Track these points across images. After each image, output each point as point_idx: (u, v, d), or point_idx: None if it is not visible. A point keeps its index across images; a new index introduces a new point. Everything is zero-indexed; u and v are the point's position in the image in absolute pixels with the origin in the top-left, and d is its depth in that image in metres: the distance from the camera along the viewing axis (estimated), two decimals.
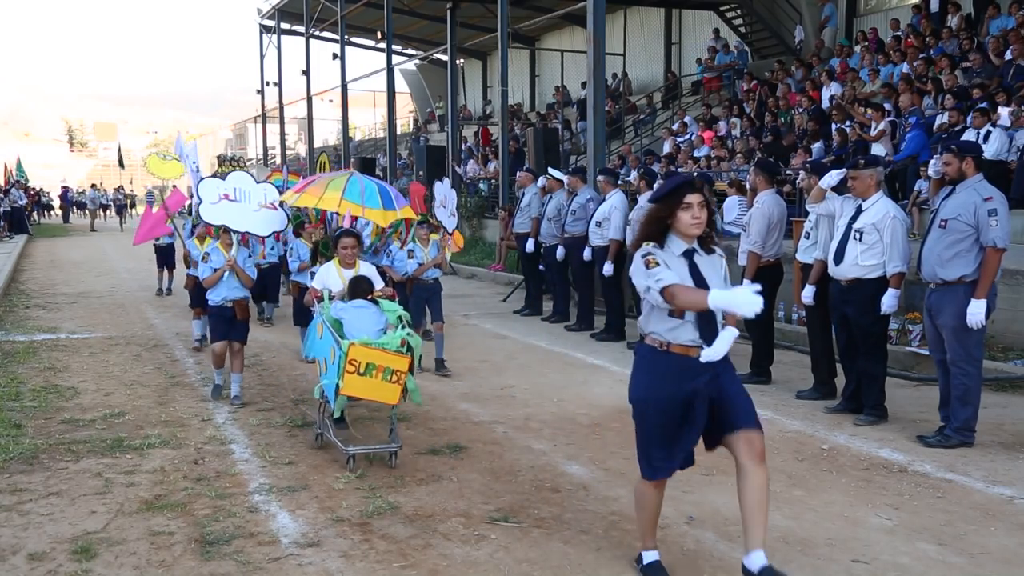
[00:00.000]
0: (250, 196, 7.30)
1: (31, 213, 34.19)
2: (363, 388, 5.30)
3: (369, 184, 7.02)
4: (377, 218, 6.85)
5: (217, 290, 7.11)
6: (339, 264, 6.47)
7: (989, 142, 10.46)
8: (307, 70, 31.85)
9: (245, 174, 7.54)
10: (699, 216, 3.67)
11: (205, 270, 7.13)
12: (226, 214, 7.15)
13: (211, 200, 7.13)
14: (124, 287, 15.37)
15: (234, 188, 7.20)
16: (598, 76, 13.02)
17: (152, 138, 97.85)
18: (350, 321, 5.76)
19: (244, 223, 7.25)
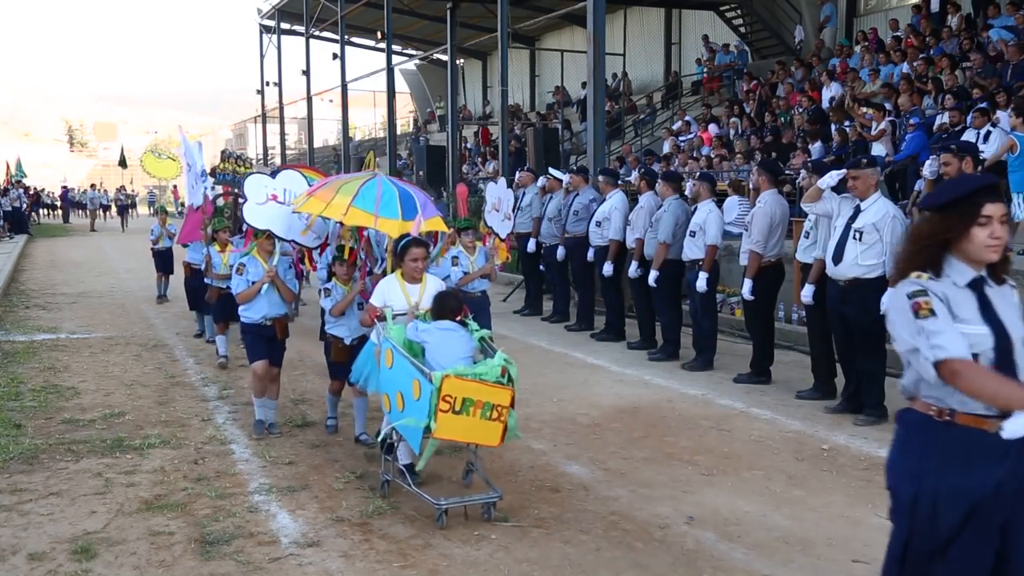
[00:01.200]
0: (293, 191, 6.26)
1: (31, 213, 34.15)
2: (459, 429, 4.43)
3: (389, 188, 5.58)
4: (391, 230, 5.46)
5: (255, 306, 6.17)
6: (402, 278, 5.34)
7: (989, 142, 10.45)
8: (307, 70, 31.84)
9: (296, 174, 6.35)
10: (1000, 236, 2.65)
11: (240, 283, 6.19)
12: (272, 218, 6.08)
13: (257, 200, 6.08)
14: (124, 287, 15.38)
15: (284, 189, 6.15)
16: (598, 76, 13.01)
17: (152, 138, 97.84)
18: (436, 347, 4.83)
19: (291, 232, 6.19)
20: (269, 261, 6.24)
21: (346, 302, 5.91)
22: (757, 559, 4.16)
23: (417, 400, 4.48)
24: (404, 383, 4.64)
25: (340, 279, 6.07)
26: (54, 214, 43.93)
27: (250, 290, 6.14)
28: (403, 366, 4.70)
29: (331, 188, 5.64)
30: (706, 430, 6.37)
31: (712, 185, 8.64)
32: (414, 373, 4.57)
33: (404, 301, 5.27)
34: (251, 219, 6.11)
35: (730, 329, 9.74)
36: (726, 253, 10.35)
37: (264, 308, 6.19)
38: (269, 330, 6.23)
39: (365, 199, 5.44)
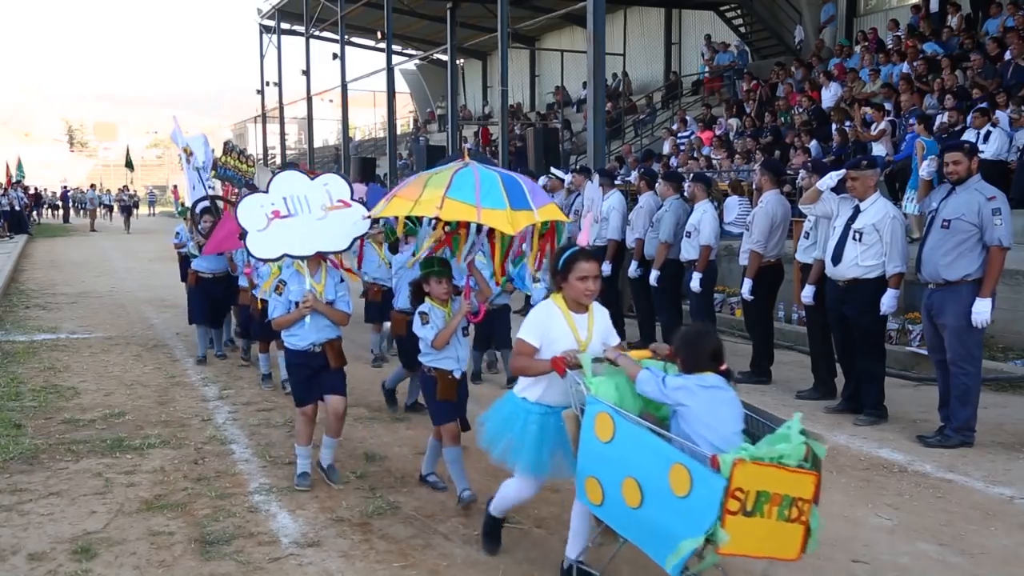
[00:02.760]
0: (307, 201, 5.11)
1: (31, 213, 34.14)
2: (751, 538, 3.08)
3: (488, 175, 4.50)
4: (501, 223, 4.30)
5: (299, 332, 5.10)
6: (564, 303, 3.90)
7: (989, 142, 10.47)
8: (307, 70, 31.88)
9: (292, 173, 5.30)
10: None
11: (278, 305, 5.11)
12: (284, 239, 5.00)
13: (258, 227, 4.97)
14: (124, 287, 15.38)
15: (283, 199, 5.05)
16: (598, 76, 13.03)
17: (152, 138, 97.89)
18: (699, 415, 3.37)
19: (313, 241, 5.07)
20: (315, 276, 5.12)
21: (450, 331, 4.80)
22: (756, 560, 4.15)
23: (684, 497, 3.09)
24: (649, 468, 3.25)
25: (437, 299, 4.91)
26: (55, 214, 43.92)
27: (288, 317, 5.06)
28: (646, 442, 3.30)
29: (416, 184, 4.52)
30: None
31: (707, 186, 8.63)
32: (674, 454, 3.19)
33: (570, 338, 3.82)
34: (259, 252, 5.03)
35: (730, 329, 9.74)
36: (726, 253, 10.35)
37: (311, 333, 5.09)
38: (319, 359, 5.14)
39: (461, 189, 4.33)
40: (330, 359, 5.16)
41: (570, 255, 3.89)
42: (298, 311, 5.00)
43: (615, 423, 3.41)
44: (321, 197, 5.12)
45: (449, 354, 4.90)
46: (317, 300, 5.04)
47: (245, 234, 4.99)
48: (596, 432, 3.48)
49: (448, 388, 4.89)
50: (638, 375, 3.55)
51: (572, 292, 3.85)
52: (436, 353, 4.87)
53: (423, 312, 4.90)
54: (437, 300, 4.91)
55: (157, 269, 18.51)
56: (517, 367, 3.91)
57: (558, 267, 3.90)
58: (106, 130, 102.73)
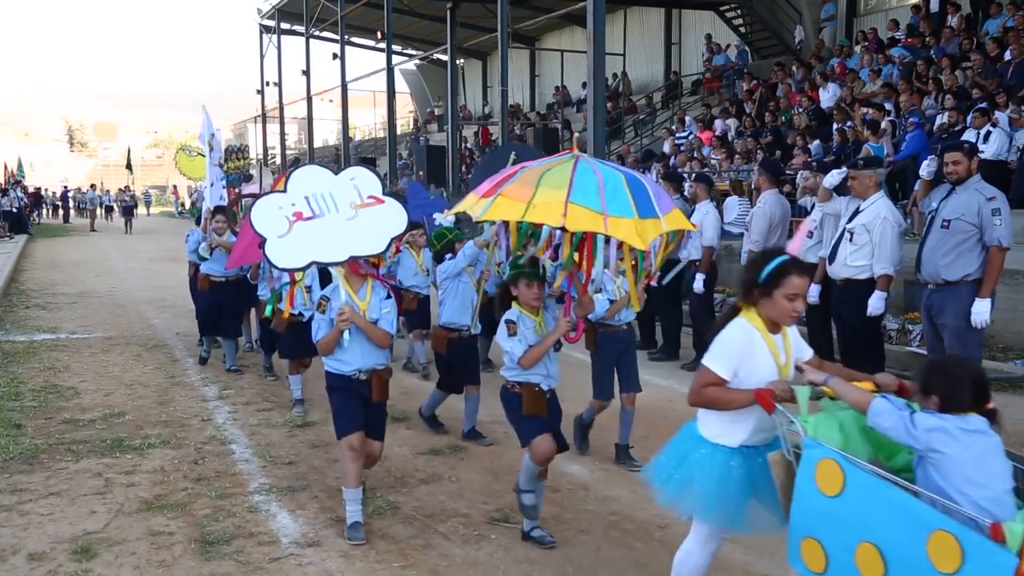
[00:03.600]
0: (333, 199, 4.41)
1: (31, 213, 34.12)
2: None
3: (611, 174, 3.71)
4: (628, 235, 3.52)
5: (343, 355, 4.47)
6: (762, 323, 3.22)
7: (989, 142, 10.46)
8: (307, 70, 31.89)
9: (312, 168, 4.62)
10: None
11: (322, 324, 4.48)
12: (310, 244, 4.27)
13: (278, 233, 4.24)
14: (124, 287, 15.38)
15: (305, 198, 4.36)
16: (598, 76, 13.02)
17: (152, 138, 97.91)
18: (957, 465, 2.68)
19: (344, 244, 4.33)
20: (359, 292, 4.49)
21: (543, 349, 4.19)
22: (757, 559, 4.16)
23: (952, 574, 2.44)
24: (897, 533, 2.59)
25: (527, 306, 4.27)
26: (55, 214, 43.87)
27: (329, 337, 4.42)
28: (891, 500, 2.64)
29: (525, 183, 3.66)
30: None
31: (709, 186, 8.64)
32: (935, 518, 2.54)
33: (772, 364, 3.19)
34: (283, 261, 4.28)
35: None
36: (726, 253, 10.35)
37: (356, 358, 4.46)
38: (363, 387, 4.50)
39: (585, 191, 3.52)
40: (374, 391, 4.50)
41: (781, 266, 3.14)
42: (336, 328, 4.35)
43: (844, 473, 2.73)
44: (349, 194, 4.41)
45: (537, 370, 4.26)
46: (355, 314, 4.35)
47: (264, 242, 4.20)
48: (818, 483, 2.80)
49: (535, 400, 4.26)
50: (871, 405, 2.81)
51: (775, 311, 3.15)
52: (521, 368, 4.24)
53: (510, 320, 4.24)
54: (527, 307, 4.25)
55: (157, 269, 18.52)
56: (703, 400, 3.21)
57: (758, 279, 3.15)
58: (106, 130, 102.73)
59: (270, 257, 4.24)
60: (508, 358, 4.26)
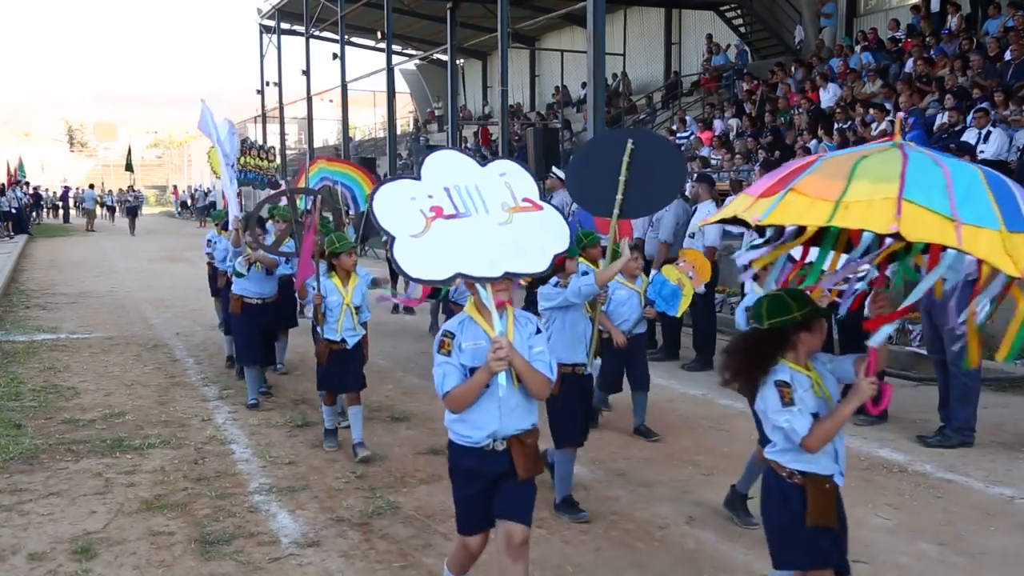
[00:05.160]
0: (480, 196, 3.41)
1: (31, 213, 34.10)
2: None
3: (963, 168, 2.71)
4: (993, 254, 2.51)
5: (474, 415, 3.25)
6: None
7: (989, 142, 10.47)
8: (307, 70, 31.86)
9: (453, 154, 3.61)
10: None
11: (450, 373, 3.22)
12: (453, 250, 3.22)
13: (411, 230, 3.22)
14: (124, 287, 15.38)
15: (445, 190, 3.35)
16: (598, 76, 13.02)
17: (152, 138, 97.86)
18: None
19: (497, 256, 3.26)
20: (501, 320, 3.21)
21: (841, 420, 3.02)
22: (757, 559, 4.16)
23: None
24: None
25: (798, 360, 3.09)
26: (56, 214, 43.86)
27: (470, 386, 3.18)
28: None
29: (830, 173, 2.70)
30: (706, 430, 6.37)
31: (711, 186, 8.64)
32: None
33: None
34: (417, 269, 3.17)
35: (730, 329, 9.72)
36: (726, 253, 10.34)
37: (492, 418, 3.24)
38: (500, 461, 3.27)
39: (925, 189, 2.56)
40: (518, 465, 3.26)
41: None
42: (483, 371, 3.14)
43: None
44: (500, 192, 3.44)
45: (827, 454, 3.09)
46: (515, 351, 3.16)
47: (392, 241, 3.16)
48: None
49: (826, 503, 3.13)
50: None
51: None
52: (806, 450, 3.03)
53: (783, 383, 3.02)
54: (798, 360, 3.07)
55: (157, 269, 18.53)
56: None
57: None
58: (106, 130, 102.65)
59: (400, 262, 3.14)
60: (780, 436, 3.07)
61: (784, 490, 3.10)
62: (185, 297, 13.66)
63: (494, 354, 3.10)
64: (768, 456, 3.16)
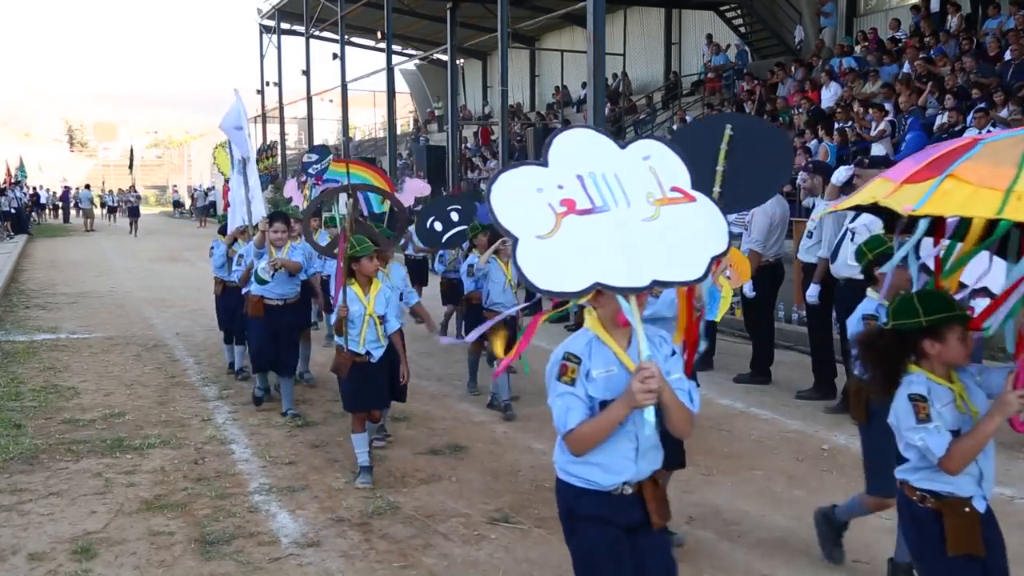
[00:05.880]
0: (620, 185, 2.75)
1: (31, 213, 34.09)
2: None
3: None
4: None
5: (609, 456, 2.66)
6: None
7: None
8: (307, 70, 31.87)
9: (586, 132, 2.89)
10: None
11: (575, 406, 2.63)
12: (589, 255, 2.57)
13: (538, 231, 2.56)
14: (124, 287, 15.38)
15: (577, 177, 2.69)
16: (598, 76, 13.01)
17: (152, 138, 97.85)
18: None
19: (643, 262, 2.61)
20: (630, 345, 2.66)
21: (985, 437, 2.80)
22: (757, 559, 4.16)
23: None
24: None
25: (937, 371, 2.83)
26: (56, 214, 43.82)
27: (604, 422, 2.59)
28: None
29: (996, 158, 2.43)
30: (706, 430, 6.37)
31: None
32: None
33: None
34: (545, 279, 2.51)
35: (730, 329, 9.73)
36: None
37: (628, 463, 2.66)
38: (631, 508, 2.69)
39: None
40: (652, 511, 2.70)
41: None
42: (622, 405, 2.54)
43: None
44: (644, 180, 2.78)
45: (969, 474, 2.83)
46: (664, 380, 2.56)
47: (516, 243, 2.50)
48: None
49: (968, 530, 2.83)
50: None
51: None
52: (946, 472, 2.76)
53: (919, 398, 2.74)
54: (937, 371, 2.79)
55: (157, 269, 18.53)
56: None
57: None
58: (106, 130, 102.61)
59: (525, 270, 2.48)
60: (915, 454, 2.80)
61: (917, 515, 2.85)
62: (185, 297, 13.67)
63: (643, 384, 2.46)
64: (899, 476, 2.92)
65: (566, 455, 2.69)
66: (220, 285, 8.07)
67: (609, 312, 2.65)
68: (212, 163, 9.23)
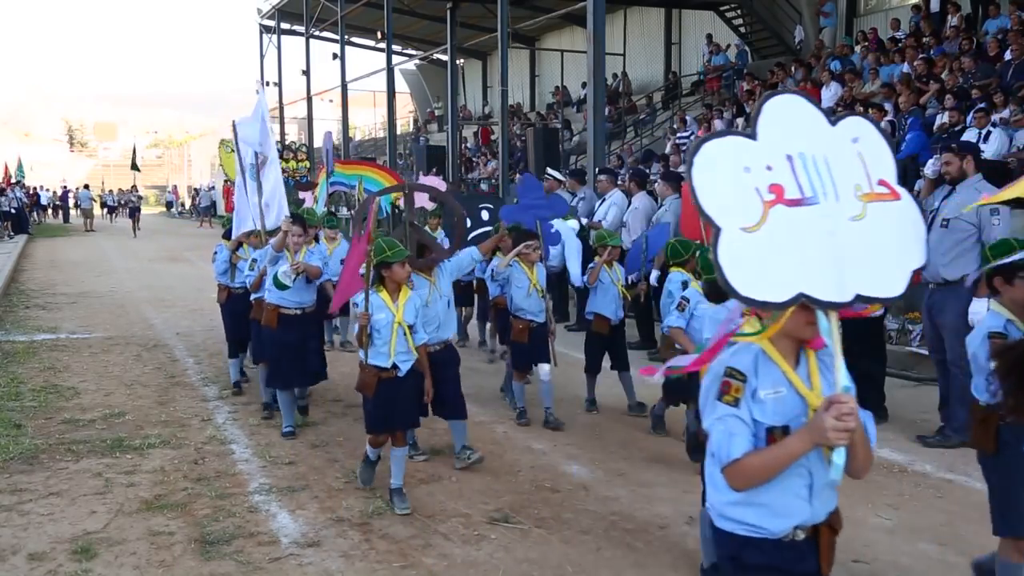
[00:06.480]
0: (830, 172, 2.29)
1: (31, 213, 34.08)
2: None
3: None
4: None
5: (783, 497, 2.31)
6: None
7: (989, 142, 10.47)
8: (307, 70, 31.88)
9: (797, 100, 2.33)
10: None
11: (739, 432, 2.25)
12: (794, 258, 2.16)
13: (744, 221, 2.14)
14: (124, 287, 15.37)
15: (786, 157, 2.23)
16: (598, 76, 13.02)
17: (152, 138, 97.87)
18: None
19: (847, 271, 2.23)
20: (798, 364, 2.38)
21: None
22: None
23: None
24: None
25: None
26: (56, 214, 43.79)
27: (780, 456, 2.23)
28: None
29: None
30: None
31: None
32: None
33: None
34: (752, 286, 2.11)
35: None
36: None
37: (802, 504, 2.35)
38: (802, 556, 2.37)
39: None
40: (824, 559, 2.40)
41: None
42: (805, 439, 2.19)
43: None
44: (852, 169, 2.34)
45: None
46: (857, 417, 2.19)
47: (717, 234, 2.11)
48: None
49: None
50: None
51: None
52: None
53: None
54: None
55: (157, 269, 18.53)
56: None
57: None
58: (106, 130, 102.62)
59: (727, 270, 2.08)
60: None
61: None
62: (185, 297, 13.67)
63: (839, 421, 2.09)
64: None
65: (725, 495, 2.28)
66: (224, 292, 7.49)
67: (794, 323, 2.24)
68: (218, 164, 9.16)
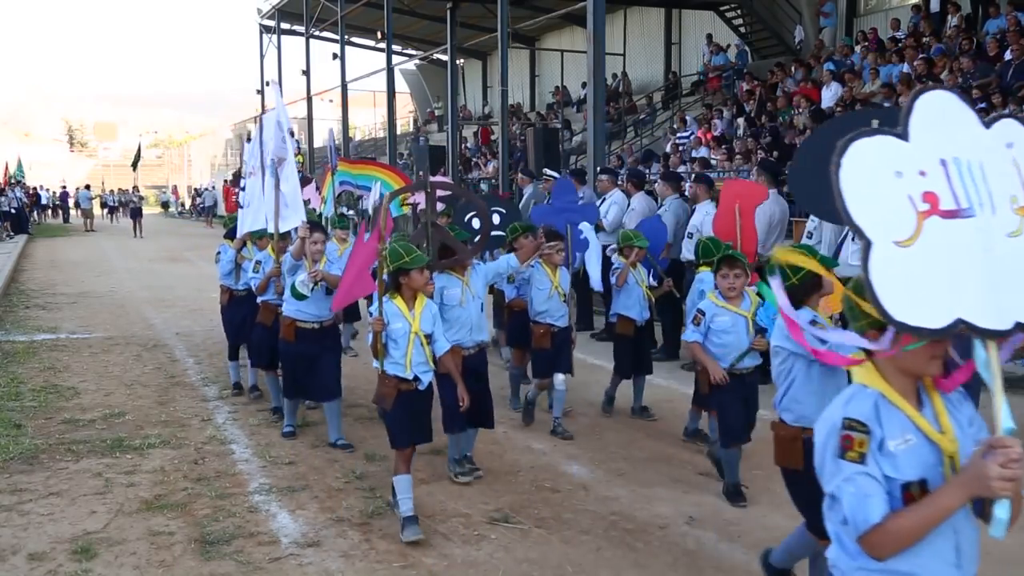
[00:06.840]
0: (986, 181, 1.99)
1: (31, 213, 34.09)
2: None
3: None
4: None
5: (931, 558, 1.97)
6: None
7: None
8: (307, 70, 31.88)
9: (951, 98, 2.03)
10: None
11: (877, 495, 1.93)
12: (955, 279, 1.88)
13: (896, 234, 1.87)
14: (124, 287, 15.37)
15: (940, 163, 1.95)
16: (598, 76, 13.02)
17: (152, 138, 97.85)
18: None
19: (1002, 295, 1.92)
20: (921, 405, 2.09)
21: None
22: (757, 559, 4.16)
23: None
24: None
25: None
26: (56, 214, 43.79)
27: (930, 515, 1.90)
28: None
29: None
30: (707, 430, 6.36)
31: (710, 186, 8.63)
32: None
33: None
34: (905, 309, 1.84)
35: None
36: None
37: (947, 566, 1.99)
38: None
39: None
40: None
41: None
42: (959, 491, 1.90)
43: None
44: (1009, 178, 2.06)
45: None
46: None
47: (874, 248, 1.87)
48: None
49: None
50: None
51: None
52: None
53: None
54: None
55: (157, 269, 18.53)
56: None
57: None
58: (106, 130, 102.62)
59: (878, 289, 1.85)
60: None
61: None
62: (185, 297, 13.67)
63: (1005, 468, 1.78)
64: None
65: (859, 560, 1.97)
66: (227, 294, 7.35)
67: (917, 358, 1.95)
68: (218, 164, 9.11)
